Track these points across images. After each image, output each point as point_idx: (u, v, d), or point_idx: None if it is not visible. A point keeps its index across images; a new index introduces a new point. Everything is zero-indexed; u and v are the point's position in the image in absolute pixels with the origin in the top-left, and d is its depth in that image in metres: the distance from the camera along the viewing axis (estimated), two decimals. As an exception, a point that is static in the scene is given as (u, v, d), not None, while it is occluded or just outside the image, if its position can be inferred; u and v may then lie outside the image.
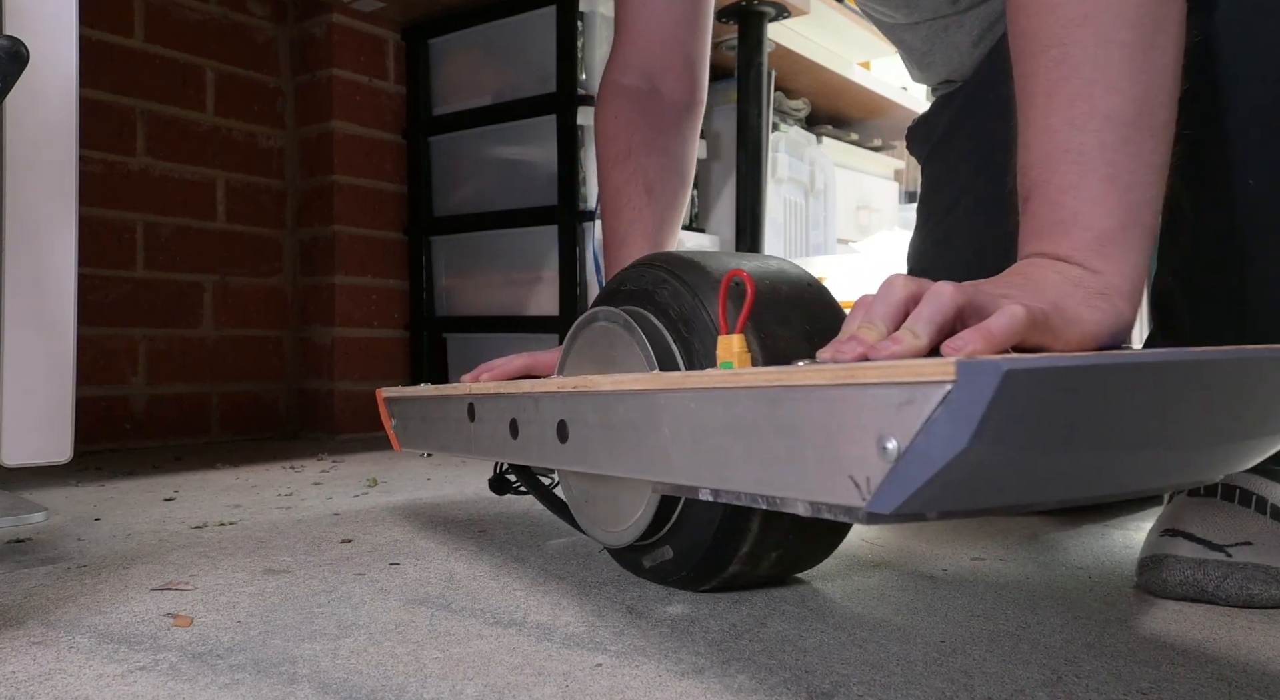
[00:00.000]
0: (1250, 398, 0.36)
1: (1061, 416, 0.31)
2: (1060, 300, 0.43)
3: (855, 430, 0.33)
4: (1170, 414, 0.34)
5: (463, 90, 1.66)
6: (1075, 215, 0.46)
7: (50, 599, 0.59)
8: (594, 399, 0.50)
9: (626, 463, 0.48)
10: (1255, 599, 0.58)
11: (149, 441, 1.51)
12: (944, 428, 0.30)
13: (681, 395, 0.43)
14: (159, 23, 1.52)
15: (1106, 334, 0.44)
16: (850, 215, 2.29)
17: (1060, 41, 0.48)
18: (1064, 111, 0.47)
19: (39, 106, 0.68)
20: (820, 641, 0.51)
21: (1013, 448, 0.30)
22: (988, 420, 0.29)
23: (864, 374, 0.33)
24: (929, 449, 0.30)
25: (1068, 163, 0.47)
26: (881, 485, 0.32)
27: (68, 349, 0.71)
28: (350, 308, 1.66)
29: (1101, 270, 0.46)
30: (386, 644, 0.50)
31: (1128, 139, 0.46)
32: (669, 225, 0.86)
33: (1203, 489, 0.67)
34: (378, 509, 0.92)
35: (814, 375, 0.35)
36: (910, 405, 0.31)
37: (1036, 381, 0.29)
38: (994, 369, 0.28)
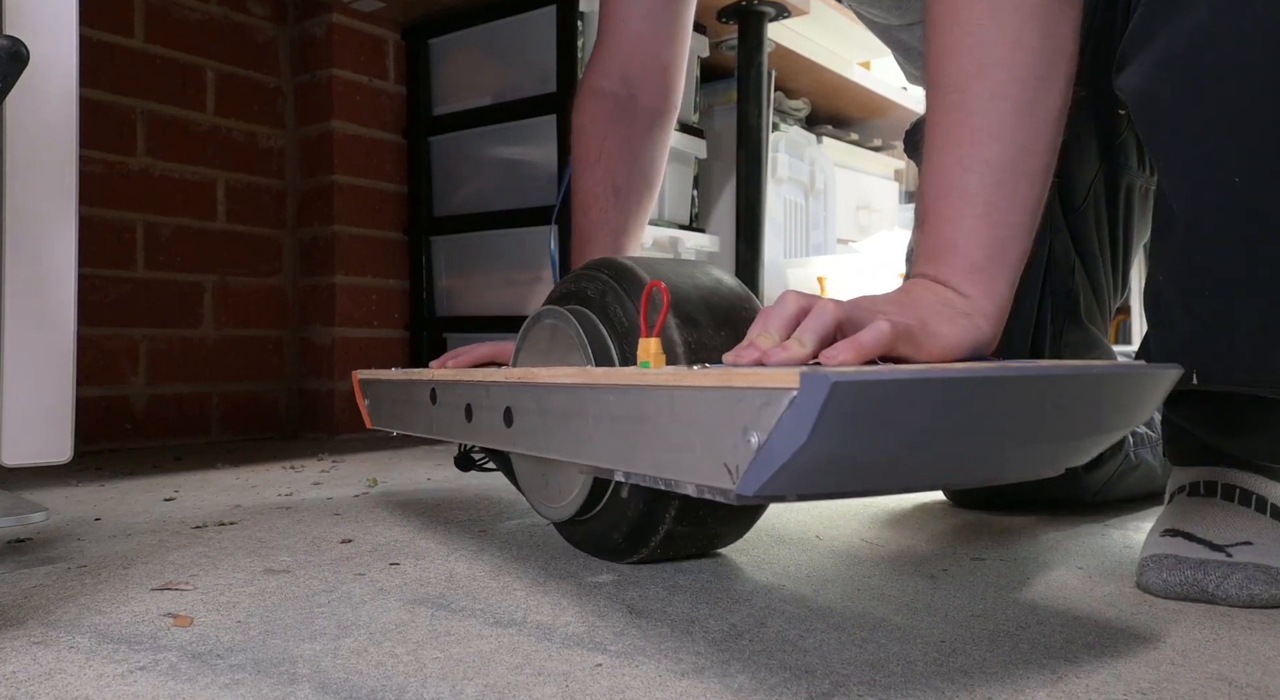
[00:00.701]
0: (1052, 407, 0.42)
1: (885, 419, 0.37)
2: (928, 317, 0.49)
3: (729, 425, 0.39)
4: (978, 419, 0.40)
5: (463, 90, 1.66)
6: (953, 244, 0.53)
7: (50, 599, 0.59)
8: (534, 389, 0.57)
9: (559, 447, 0.54)
10: (1256, 599, 0.58)
11: (149, 441, 1.51)
12: (790, 425, 0.36)
13: (602, 390, 0.49)
14: (159, 23, 1.52)
15: (965, 348, 0.50)
16: (850, 215, 2.29)
17: (960, 88, 0.54)
18: (955, 152, 0.53)
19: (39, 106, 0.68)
20: (820, 641, 0.51)
21: (845, 443, 0.36)
22: (821, 420, 0.35)
23: (737, 379, 0.39)
24: (779, 442, 0.36)
25: (953, 197, 0.53)
26: (746, 471, 0.38)
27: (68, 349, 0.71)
28: (350, 308, 1.66)
29: (970, 294, 0.52)
30: (386, 644, 0.50)
31: (1003, 183, 0.53)
32: (633, 227, 0.90)
33: (1203, 488, 0.67)
34: (378, 509, 0.92)
35: (701, 378, 0.41)
36: (768, 406, 0.37)
37: (859, 391, 0.35)
38: (825, 380, 0.34)
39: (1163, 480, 0.94)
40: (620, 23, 0.90)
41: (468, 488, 1.05)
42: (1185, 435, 0.70)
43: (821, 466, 0.37)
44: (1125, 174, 0.87)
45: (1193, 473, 0.69)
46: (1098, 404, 0.46)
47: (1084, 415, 0.45)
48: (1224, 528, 0.63)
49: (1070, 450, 0.47)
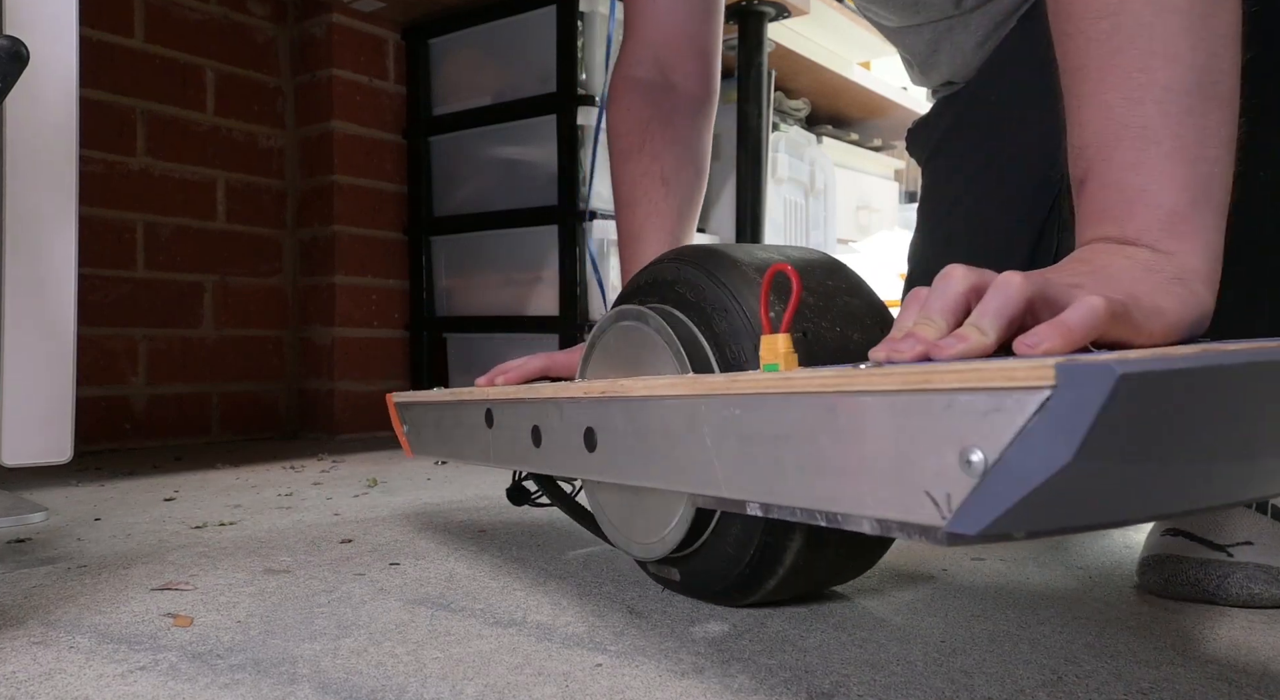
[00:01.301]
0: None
1: (1175, 423, 0.28)
2: (1135, 289, 0.39)
3: (932, 441, 0.30)
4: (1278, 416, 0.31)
5: (463, 90, 1.66)
6: (1141, 193, 0.43)
7: (50, 599, 0.59)
8: (625, 404, 0.47)
9: (663, 474, 0.44)
10: (1256, 598, 0.58)
11: (149, 441, 1.51)
12: (1042, 440, 0.26)
13: (725, 401, 0.39)
14: (159, 23, 1.52)
15: (1188, 324, 0.40)
16: (850, 215, 2.29)
17: (1112, 11, 0.44)
18: (1121, 86, 0.44)
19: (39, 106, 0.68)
20: (820, 641, 0.51)
21: (1123, 461, 0.27)
22: (1096, 431, 0.25)
23: (940, 378, 0.29)
24: (1024, 463, 0.27)
25: (1129, 138, 0.43)
26: (965, 503, 0.28)
27: (68, 349, 0.71)
28: (350, 308, 1.66)
29: (1175, 251, 0.42)
30: (386, 644, 0.50)
31: (1192, 110, 0.43)
32: (687, 219, 0.84)
33: None
34: (378, 509, 0.92)
35: (880, 380, 0.31)
36: (999, 413, 0.27)
37: (1154, 386, 0.26)
38: (1106, 372, 0.25)
39: None
40: (651, 8, 0.85)
41: (468, 487, 1.05)
42: None
43: (1079, 492, 0.28)
44: None
45: None
46: None
47: None
48: (1224, 527, 0.63)
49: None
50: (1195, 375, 0.27)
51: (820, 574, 0.55)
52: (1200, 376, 0.27)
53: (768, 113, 1.64)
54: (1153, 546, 0.63)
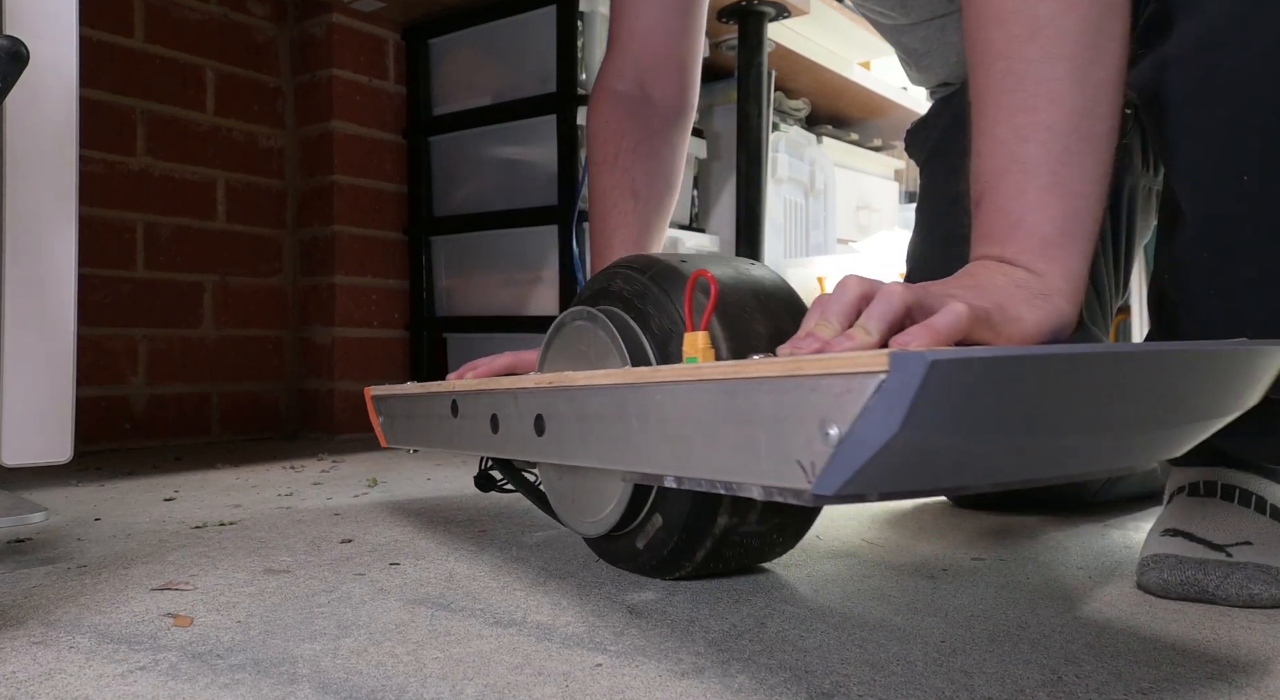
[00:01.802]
0: (1165, 389, 0.39)
1: (984, 403, 0.33)
2: (1003, 300, 0.46)
3: (801, 418, 0.35)
4: (1086, 402, 0.36)
5: (463, 90, 1.66)
6: (1021, 221, 0.49)
7: (50, 599, 0.59)
8: (569, 393, 0.53)
9: (599, 453, 0.50)
10: (1256, 599, 0.58)
11: (149, 441, 1.51)
12: (878, 414, 0.32)
13: (648, 389, 0.45)
14: (159, 23, 1.52)
15: (1046, 331, 0.47)
16: (850, 215, 2.29)
17: (1009, 55, 0.50)
18: (1010, 122, 0.50)
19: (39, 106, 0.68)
20: (820, 641, 0.51)
21: (941, 432, 0.33)
22: (916, 407, 0.31)
23: (809, 366, 0.35)
24: (865, 434, 0.32)
25: (1014, 171, 0.49)
26: (825, 469, 0.34)
27: (68, 349, 0.71)
28: (350, 308, 1.66)
29: (1044, 272, 0.48)
30: (386, 644, 0.50)
31: (1069, 149, 0.49)
32: (654, 229, 0.88)
33: (1202, 488, 0.67)
34: (378, 509, 0.92)
35: (765, 368, 0.37)
36: (849, 394, 0.33)
37: (960, 371, 0.31)
38: (921, 360, 0.31)
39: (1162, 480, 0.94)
40: (633, 22, 0.88)
41: (468, 487, 1.05)
42: None
43: (912, 460, 0.34)
44: (1129, 174, 0.87)
45: (1193, 473, 0.69)
46: (1216, 386, 0.42)
47: (1200, 398, 0.41)
48: (1224, 527, 0.63)
49: (1176, 438, 0.43)
50: (997, 364, 0.33)
51: (744, 550, 0.61)
52: (1001, 365, 0.33)
53: (768, 113, 1.64)
54: (1153, 546, 0.63)
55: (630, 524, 0.62)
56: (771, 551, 0.64)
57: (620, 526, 0.62)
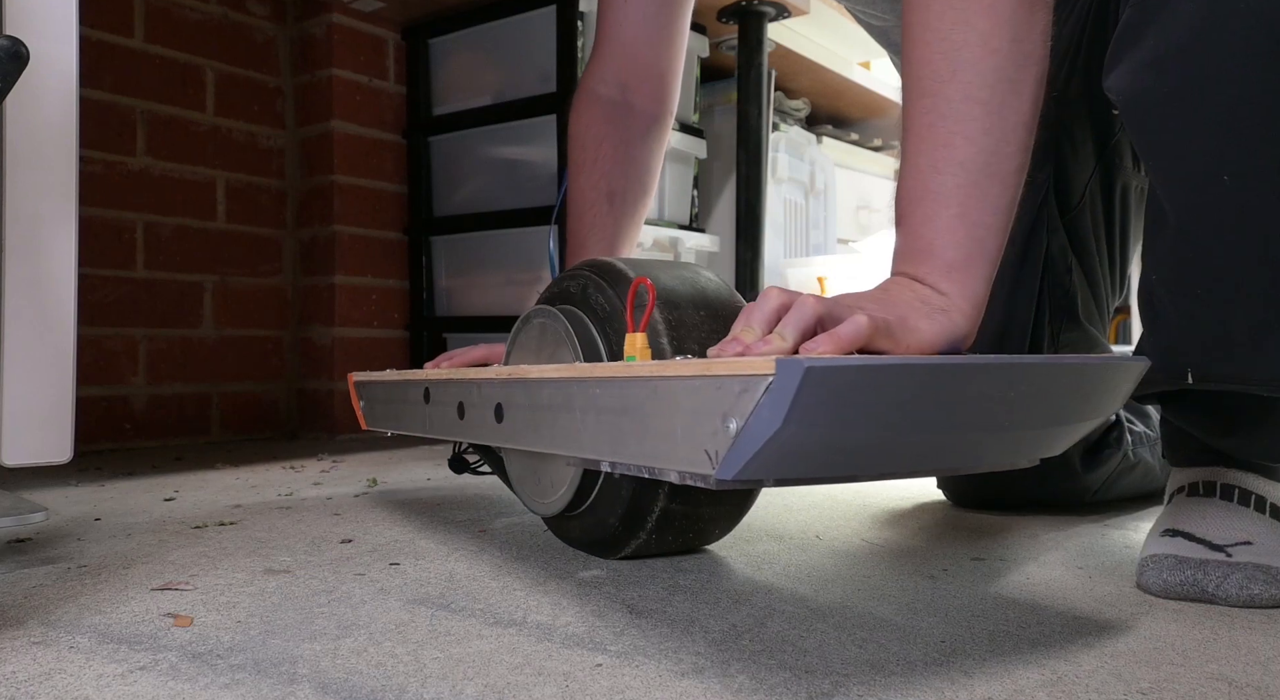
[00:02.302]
0: (1021, 396, 0.43)
1: (858, 404, 0.38)
2: (905, 313, 0.50)
3: (709, 412, 0.40)
4: (948, 405, 0.41)
5: (463, 90, 1.66)
6: (930, 245, 0.54)
7: (50, 599, 0.59)
8: (524, 385, 0.58)
9: (548, 439, 0.56)
10: (1256, 599, 0.58)
11: (149, 441, 1.51)
12: (766, 411, 0.37)
13: (588, 383, 0.51)
14: (159, 23, 1.52)
15: (942, 343, 0.51)
16: (850, 215, 2.29)
17: (932, 92, 0.55)
18: (929, 154, 0.55)
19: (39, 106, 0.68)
20: (820, 641, 0.51)
21: (820, 428, 0.38)
22: (796, 405, 0.36)
23: (717, 368, 0.40)
24: (757, 428, 0.37)
25: (928, 200, 0.55)
26: (725, 456, 0.39)
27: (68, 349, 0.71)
28: (350, 308, 1.66)
29: (947, 291, 0.54)
30: (386, 644, 0.50)
31: (976, 183, 0.54)
32: (627, 232, 0.90)
33: (1202, 488, 0.67)
34: (378, 509, 0.92)
35: (682, 368, 0.43)
36: (746, 393, 0.38)
37: (833, 376, 0.36)
38: (798, 365, 0.35)
39: (1162, 480, 0.94)
40: (617, 27, 0.90)
41: (467, 487, 1.05)
42: (1184, 436, 0.70)
43: (797, 451, 0.38)
44: (1121, 174, 0.87)
45: (1192, 473, 0.69)
46: (1066, 394, 0.46)
47: (1053, 405, 0.46)
48: (1224, 527, 0.63)
49: (1042, 440, 0.48)
50: (866, 371, 0.37)
51: (682, 531, 0.67)
52: (869, 372, 0.37)
53: (768, 113, 1.64)
54: (1152, 546, 0.63)
55: (580, 506, 0.67)
56: (709, 537, 0.70)
57: (571, 508, 0.68)
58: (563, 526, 0.72)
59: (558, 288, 0.71)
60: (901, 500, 0.99)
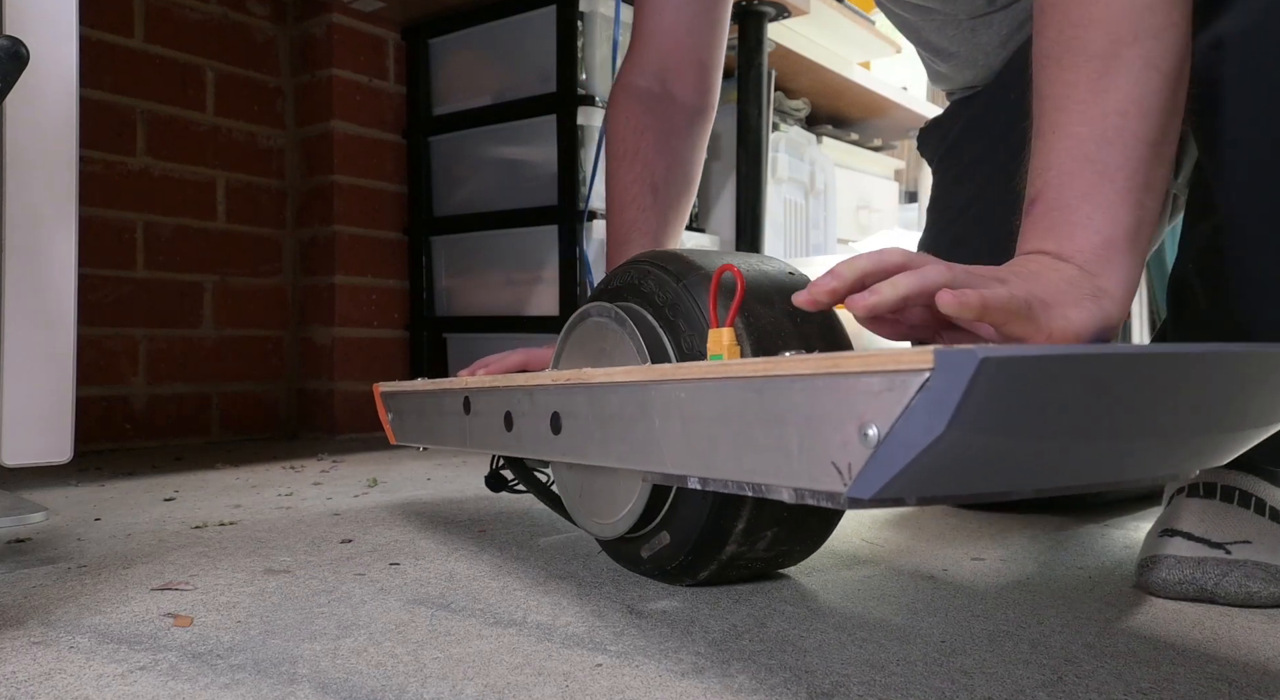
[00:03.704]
0: (1224, 393, 0.37)
1: (1035, 404, 0.32)
2: (1052, 295, 0.44)
3: (838, 417, 0.34)
4: (1141, 406, 0.35)
5: (463, 90, 1.66)
6: (1088, 220, 0.48)
7: (50, 599, 0.59)
8: (587, 391, 0.52)
9: (618, 453, 0.49)
10: (1255, 597, 0.58)
11: (149, 441, 1.51)
12: (922, 414, 0.31)
13: (672, 386, 0.44)
14: (159, 23, 1.52)
15: (1091, 332, 0.45)
16: (850, 215, 2.29)
17: (1107, 56, 0.49)
18: (1096, 122, 0.49)
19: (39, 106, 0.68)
20: (820, 641, 0.51)
21: (988, 434, 0.31)
22: (964, 406, 0.30)
23: (847, 363, 0.34)
24: (908, 435, 0.31)
25: (1089, 171, 0.49)
26: (862, 471, 0.33)
27: (68, 349, 0.71)
28: (350, 308, 1.66)
29: (1099, 273, 0.48)
30: (386, 644, 0.50)
31: (1147, 160, 0.49)
32: (672, 227, 0.87)
33: (1201, 489, 0.67)
34: (378, 509, 0.92)
35: (798, 365, 0.36)
36: (890, 392, 0.32)
37: (1011, 370, 0.30)
38: (970, 357, 0.29)
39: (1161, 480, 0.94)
40: (657, 18, 0.88)
41: (468, 487, 1.05)
42: None
43: (956, 463, 0.32)
44: None
45: None
46: (1269, 389, 0.39)
47: (1249, 403, 0.39)
48: (1223, 527, 0.63)
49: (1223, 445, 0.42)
50: (1051, 363, 0.31)
51: (763, 556, 0.60)
52: (1056, 364, 0.31)
53: (768, 113, 1.64)
54: (1151, 547, 0.63)
55: (646, 526, 0.61)
56: (789, 558, 0.64)
57: (637, 529, 0.61)
58: (625, 549, 0.65)
59: (614, 282, 0.64)
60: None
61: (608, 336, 0.62)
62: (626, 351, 0.60)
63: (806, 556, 0.64)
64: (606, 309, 0.62)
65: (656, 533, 0.60)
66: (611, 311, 0.61)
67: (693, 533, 0.57)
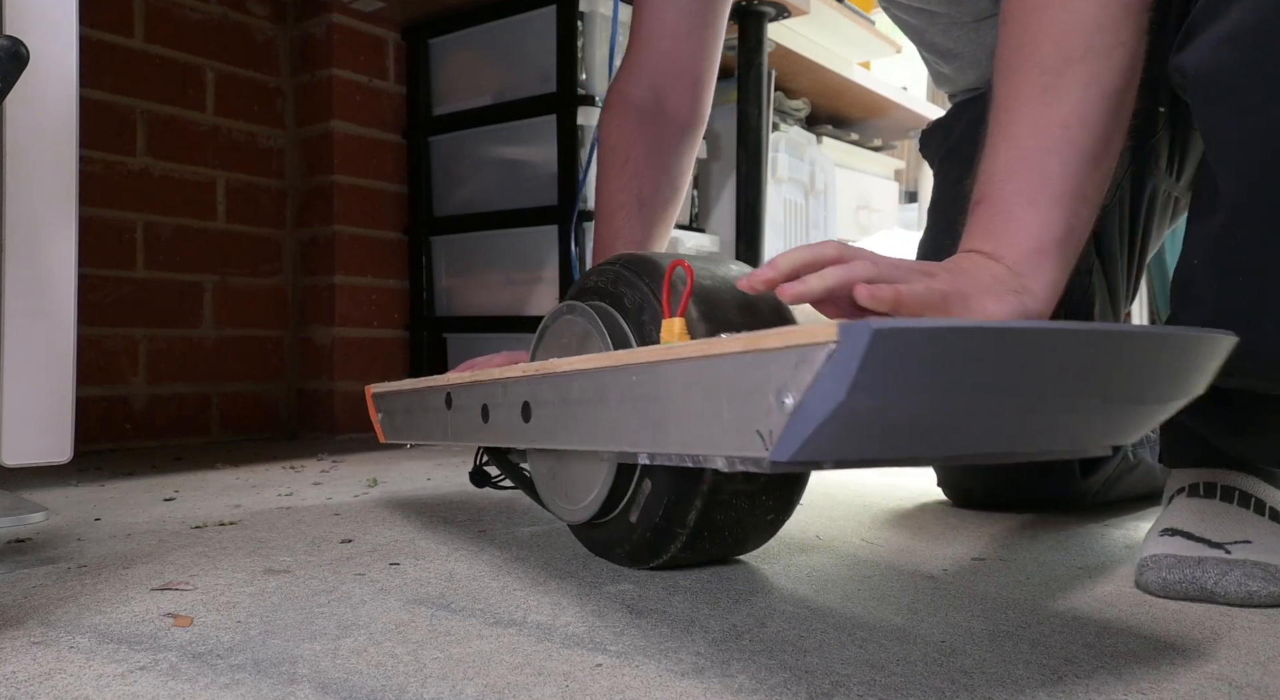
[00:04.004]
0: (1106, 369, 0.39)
1: (928, 372, 0.34)
2: (974, 290, 0.48)
3: (761, 388, 0.37)
4: (1031, 378, 0.37)
5: (463, 90, 1.66)
6: (1023, 223, 0.52)
7: (50, 599, 0.59)
8: (553, 380, 0.56)
9: (580, 435, 0.53)
10: (1255, 597, 0.58)
11: (149, 441, 1.51)
12: (828, 381, 0.34)
13: (624, 370, 0.48)
14: (159, 23, 1.52)
15: None
16: (850, 215, 2.29)
17: (1056, 71, 0.53)
18: (1041, 134, 0.52)
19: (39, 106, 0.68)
20: (820, 641, 0.51)
21: (886, 398, 0.34)
22: (861, 373, 0.32)
23: (769, 340, 0.37)
24: (817, 401, 0.34)
25: (1029, 177, 0.52)
26: (781, 436, 0.36)
27: (68, 349, 0.71)
28: (350, 308, 1.66)
29: (1025, 273, 0.51)
30: (386, 644, 0.50)
31: (1086, 171, 0.52)
32: (656, 236, 0.89)
33: (1201, 489, 0.67)
34: (378, 509, 0.92)
35: (729, 344, 0.40)
36: (804, 364, 0.35)
37: (902, 339, 0.32)
38: (865, 328, 0.32)
39: (1162, 480, 0.94)
40: (653, 32, 0.89)
41: (468, 487, 1.05)
42: (1186, 437, 0.69)
43: (861, 427, 0.35)
44: (1152, 176, 0.85)
45: (1192, 474, 0.69)
46: (1154, 368, 0.42)
47: (1143, 380, 0.42)
48: (1223, 526, 0.63)
49: (1125, 420, 0.44)
50: (940, 334, 0.33)
51: (719, 539, 0.64)
52: (945, 335, 0.33)
53: (768, 113, 1.64)
54: (1151, 546, 0.63)
55: (611, 512, 0.65)
56: (745, 545, 0.67)
57: (602, 514, 0.65)
58: (591, 534, 0.69)
59: (585, 283, 0.69)
60: (902, 500, 0.99)
61: (578, 332, 0.67)
62: (595, 345, 0.64)
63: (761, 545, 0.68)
64: (577, 307, 0.66)
65: (622, 517, 0.64)
66: (580, 309, 0.66)
67: (653, 518, 0.62)
